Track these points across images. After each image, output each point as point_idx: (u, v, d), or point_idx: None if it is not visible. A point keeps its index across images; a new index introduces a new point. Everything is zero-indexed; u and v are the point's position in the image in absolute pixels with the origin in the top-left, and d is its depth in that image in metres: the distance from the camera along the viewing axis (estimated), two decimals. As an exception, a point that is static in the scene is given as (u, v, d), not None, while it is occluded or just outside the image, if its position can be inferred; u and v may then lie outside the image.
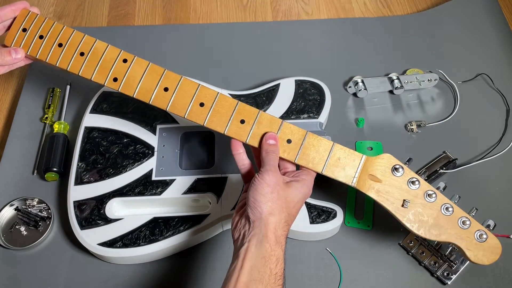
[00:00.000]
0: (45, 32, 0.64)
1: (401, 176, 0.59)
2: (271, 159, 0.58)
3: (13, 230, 0.73)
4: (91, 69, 0.63)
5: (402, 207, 0.58)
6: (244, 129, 0.61)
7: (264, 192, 0.54)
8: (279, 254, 0.52)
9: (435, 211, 0.58)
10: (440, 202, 0.58)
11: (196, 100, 0.61)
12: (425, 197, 0.58)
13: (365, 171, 0.59)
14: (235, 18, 1.02)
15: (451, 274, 0.67)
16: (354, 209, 0.74)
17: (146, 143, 0.75)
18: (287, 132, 0.60)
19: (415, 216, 0.58)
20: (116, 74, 0.63)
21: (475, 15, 0.98)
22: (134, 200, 0.70)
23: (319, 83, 0.82)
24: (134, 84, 0.62)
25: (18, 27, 0.65)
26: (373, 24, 0.98)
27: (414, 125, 0.81)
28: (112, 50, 0.63)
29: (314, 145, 0.60)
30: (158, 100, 0.62)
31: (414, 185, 0.58)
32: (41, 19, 0.65)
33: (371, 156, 0.60)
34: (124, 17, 1.03)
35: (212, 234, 0.71)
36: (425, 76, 0.85)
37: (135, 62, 0.63)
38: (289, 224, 0.56)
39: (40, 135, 0.82)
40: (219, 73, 0.90)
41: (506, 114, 0.84)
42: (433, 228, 0.58)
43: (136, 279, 0.69)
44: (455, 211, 0.58)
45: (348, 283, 0.68)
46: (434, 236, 0.58)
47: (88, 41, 0.64)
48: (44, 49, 0.64)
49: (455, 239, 0.58)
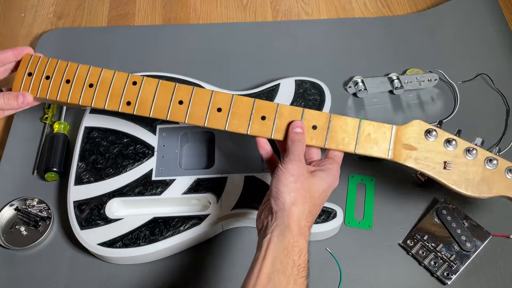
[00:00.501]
0: (51, 71, 0.65)
1: (436, 139, 0.57)
2: (296, 148, 0.57)
3: (13, 230, 0.73)
4: (103, 98, 0.63)
5: (445, 169, 0.56)
6: (267, 125, 0.60)
7: (287, 182, 0.53)
8: (302, 245, 0.51)
9: (479, 167, 0.56)
10: (482, 156, 0.57)
11: (213, 107, 0.61)
12: (465, 154, 0.57)
13: (399, 141, 0.58)
14: (235, 18, 1.02)
15: (451, 274, 0.67)
16: (354, 209, 0.74)
17: (146, 143, 0.75)
18: (310, 118, 0.59)
19: (460, 176, 0.56)
20: (128, 98, 0.63)
21: (475, 15, 0.98)
22: (134, 200, 0.70)
23: (319, 83, 0.82)
24: (148, 104, 0.62)
25: (24, 72, 0.65)
26: (373, 24, 0.98)
27: (414, 125, 0.81)
28: (120, 76, 0.64)
29: (341, 125, 0.59)
30: (175, 114, 0.62)
31: (451, 145, 0.57)
32: (44, 60, 0.65)
33: (401, 126, 0.59)
34: (124, 17, 1.03)
35: (212, 234, 0.71)
36: (425, 76, 0.85)
37: (144, 82, 0.63)
38: (314, 214, 0.55)
39: (40, 135, 0.82)
40: (219, 73, 0.90)
41: (506, 114, 0.84)
42: (481, 185, 0.56)
43: (136, 279, 0.69)
44: (499, 163, 0.57)
45: (348, 283, 0.68)
46: (485, 193, 0.56)
47: (94, 72, 0.64)
48: (52, 89, 0.65)
49: (506, 191, 0.56)
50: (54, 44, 0.95)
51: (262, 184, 0.71)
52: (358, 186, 0.76)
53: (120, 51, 0.94)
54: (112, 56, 0.93)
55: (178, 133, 0.76)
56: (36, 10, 1.04)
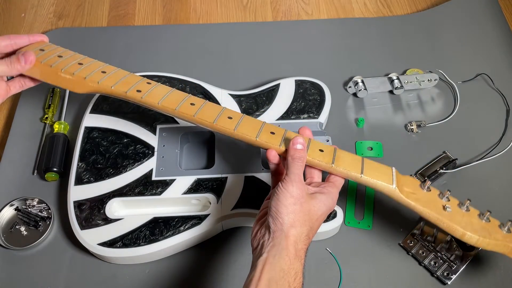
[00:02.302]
0: (64, 54, 0.66)
1: (431, 192, 0.58)
2: (297, 167, 0.55)
3: (13, 230, 0.73)
4: (113, 81, 0.64)
5: (444, 210, 0.57)
6: (275, 138, 0.59)
7: (287, 203, 0.52)
8: (298, 268, 0.51)
9: (475, 218, 0.58)
10: (475, 212, 0.58)
11: (224, 115, 0.61)
12: (460, 207, 0.58)
13: (399, 183, 0.58)
14: (235, 18, 1.02)
15: (451, 274, 0.67)
16: (354, 209, 0.74)
17: (146, 143, 0.75)
18: (317, 144, 0.59)
19: (461, 219, 0.57)
20: (139, 87, 0.64)
21: (475, 15, 0.98)
22: (134, 200, 0.70)
23: (319, 83, 0.82)
24: (159, 96, 0.63)
25: (35, 47, 0.66)
26: (373, 24, 0.98)
27: (414, 125, 0.81)
28: (133, 77, 0.65)
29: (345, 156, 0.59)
30: (185, 110, 0.62)
31: (444, 196, 0.58)
32: (59, 48, 0.67)
33: (398, 173, 0.58)
34: (124, 17, 1.03)
35: (212, 234, 0.71)
36: (425, 76, 0.85)
37: (158, 85, 0.65)
38: (310, 237, 0.54)
39: (40, 135, 0.82)
40: (219, 73, 0.90)
41: (506, 114, 0.84)
42: (482, 230, 0.57)
43: (136, 279, 0.69)
44: (491, 220, 0.58)
45: (348, 283, 0.68)
46: (486, 237, 0.56)
47: (108, 68, 0.66)
48: (62, 63, 0.65)
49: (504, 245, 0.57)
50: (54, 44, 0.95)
51: (262, 184, 0.71)
52: (358, 186, 0.76)
53: (120, 51, 0.94)
54: (112, 56, 0.93)
55: (178, 133, 0.76)
56: (36, 10, 1.04)
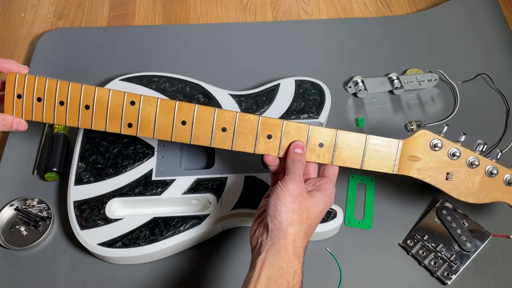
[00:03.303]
0: (41, 92, 0.61)
1: (441, 150, 0.59)
2: (297, 168, 0.56)
3: (13, 230, 0.73)
4: (102, 120, 0.61)
5: (446, 180, 0.59)
6: (273, 144, 0.59)
7: (286, 201, 0.53)
8: (297, 266, 0.51)
9: (480, 176, 0.59)
10: (483, 166, 0.59)
11: (217, 126, 0.60)
12: (468, 165, 0.59)
13: (404, 154, 0.59)
14: (235, 18, 1.02)
15: (451, 274, 0.67)
16: (354, 209, 0.74)
17: (146, 143, 0.75)
18: (317, 136, 0.59)
19: (460, 185, 0.59)
20: (129, 120, 0.61)
21: (475, 15, 0.98)
22: (134, 200, 0.70)
23: (319, 83, 0.82)
24: (150, 125, 0.61)
25: (12, 95, 0.62)
26: (373, 24, 0.98)
27: (414, 125, 0.81)
28: (116, 95, 0.61)
29: (347, 142, 0.59)
30: (179, 135, 0.61)
31: (455, 156, 0.59)
32: (31, 79, 0.61)
33: (407, 139, 0.59)
34: (124, 17, 1.03)
35: (212, 234, 0.71)
36: (425, 76, 0.85)
37: (143, 101, 0.60)
38: (309, 235, 0.54)
39: (40, 135, 0.82)
40: (219, 73, 0.90)
41: (506, 114, 0.84)
42: (480, 192, 0.59)
43: (136, 279, 0.69)
44: (499, 172, 0.59)
45: (348, 283, 0.68)
46: (482, 199, 0.60)
47: (88, 90, 0.61)
48: (47, 112, 0.62)
49: (503, 197, 0.60)
50: (54, 44, 0.95)
51: (262, 184, 0.71)
52: (358, 186, 0.76)
53: (120, 51, 0.94)
54: (112, 56, 0.93)
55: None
56: (36, 10, 1.04)
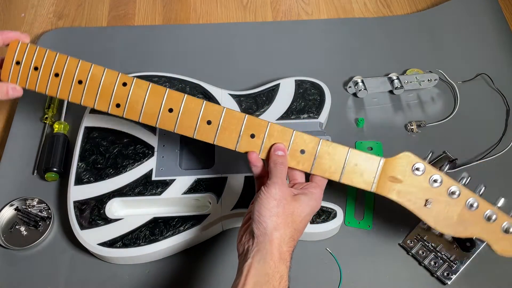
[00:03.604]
0: (39, 62, 0.63)
1: (422, 174, 0.57)
2: (279, 171, 0.56)
3: (13, 230, 0.73)
4: (92, 97, 0.62)
5: (425, 206, 0.57)
6: (256, 144, 0.59)
7: (270, 206, 0.53)
8: (283, 271, 0.51)
9: (460, 207, 0.56)
10: (465, 198, 0.56)
11: (203, 118, 0.60)
12: (448, 194, 0.56)
13: (384, 173, 0.58)
14: (235, 18, 1.02)
15: (451, 274, 0.67)
16: (354, 209, 0.74)
17: (146, 143, 0.75)
18: (299, 142, 0.59)
19: (439, 214, 0.57)
20: (118, 100, 0.62)
21: (475, 15, 0.98)
22: (134, 200, 0.70)
23: (319, 83, 0.82)
24: (138, 108, 0.61)
25: (11, 61, 0.63)
26: (373, 24, 0.98)
27: (414, 125, 0.81)
28: (110, 74, 0.62)
29: (329, 152, 0.58)
30: (165, 122, 0.61)
31: (436, 183, 0.56)
32: (32, 48, 0.63)
33: (389, 158, 0.58)
34: (124, 17, 1.03)
35: (212, 234, 0.71)
36: (425, 76, 0.85)
37: (134, 84, 0.61)
38: (295, 239, 0.54)
39: (40, 135, 0.82)
40: (219, 73, 0.90)
41: (506, 114, 0.84)
42: (458, 225, 0.57)
43: (136, 279, 0.69)
44: (480, 206, 0.56)
45: (348, 283, 0.68)
46: (460, 233, 0.57)
47: (84, 67, 0.62)
48: (41, 81, 0.63)
49: (481, 233, 0.57)
50: (54, 44, 0.95)
51: (262, 184, 0.71)
52: (358, 186, 0.76)
53: (120, 51, 0.94)
54: (112, 56, 0.93)
55: (178, 133, 0.76)
56: (36, 10, 1.04)
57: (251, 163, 0.59)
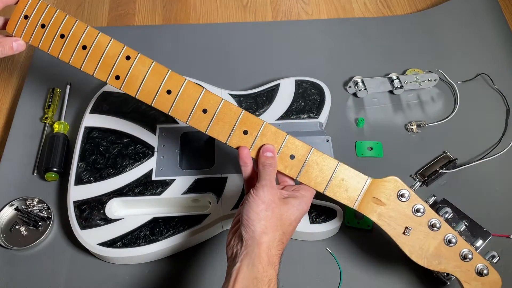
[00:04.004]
0: (47, 20, 0.61)
1: (407, 201, 0.57)
2: (268, 173, 0.55)
3: (13, 230, 0.73)
4: (93, 64, 0.61)
5: (404, 234, 0.57)
6: (247, 140, 0.59)
7: (258, 209, 0.52)
8: (271, 275, 0.50)
9: (437, 241, 0.56)
10: (444, 232, 0.56)
11: (199, 106, 0.59)
12: (428, 226, 0.56)
13: (369, 193, 0.57)
14: (235, 18, 1.02)
15: (451, 274, 0.67)
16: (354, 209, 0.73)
17: (146, 143, 0.75)
18: (291, 147, 0.58)
19: (416, 244, 0.57)
20: (118, 72, 0.61)
21: (475, 15, 0.98)
22: (134, 200, 0.70)
23: (319, 83, 0.82)
24: (137, 83, 0.60)
25: (20, 14, 0.62)
26: (373, 24, 0.98)
27: (414, 125, 0.81)
28: (115, 45, 0.61)
29: (318, 163, 0.58)
30: (160, 103, 0.60)
31: (418, 213, 0.56)
32: (43, 5, 0.62)
33: (377, 179, 0.57)
34: (124, 17, 1.03)
35: (212, 234, 0.71)
36: (425, 76, 0.85)
37: (138, 59, 0.60)
38: (284, 242, 0.54)
39: (40, 135, 0.82)
40: (219, 73, 0.90)
41: (506, 114, 0.84)
42: (433, 258, 0.56)
43: (136, 279, 0.69)
44: (458, 243, 0.56)
45: (348, 283, 0.68)
46: (433, 266, 0.57)
47: (91, 33, 0.61)
48: (45, 39, 0.62)
49: (455, 271, 0.57)
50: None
51: (262, 184, 0.71)
52: (358, 186, 0.76)
53: (120, 51, 0.94)
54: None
55: (178, 133, 0.76)
56: (36, 10, 1.04)
57: (241, 160, 0.58)
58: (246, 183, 0.60)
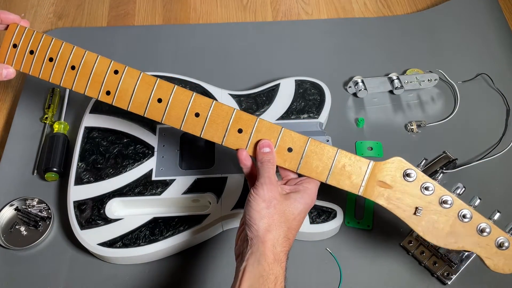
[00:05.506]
0: (35, 46, 0.63)
1: (414, 181, 0.54)
2: (267, 170, 0.55)
3: (13, 230, 0.73)
4: (83, 83, 0.62)
5: (415, 215, 0.54)
6: (243, 139, 0.58)
7: (259, 208, 0.52)
8: (278, 272, 0.50)
9: (451, 218, 0.54)
10: (457, 208, 0.54)
11: (191, 110, 0.59)
12: (440, 203, 0.54)
13: (373, 177, 0.56)
14: (235, 18, 1.02)
15: (451, 274, 0.67)
16: (354, 209, 0.74)
17: (146, 143, 0.75)
18: (287, 140, 0.57)
19: (429, 223, 0.54)
20: (108, 87, 0.61)
21: (475, 15, 0.98)
22: (134, 200, 0.70)
23: (319, 83, 0.82)
24: (127, 96, 0.61)
25: (9, 43, 0.64)
26: (373, 24, 0.98)
27: (414, 125, 0.81)
28: (103, 61, 0.62)
29: (317, 152, 0.57)
30: (153, 112, 0.60)
31: (427, 191, 0.54)
32: (30, 32, 0.64)
33: (380, 161, 0.55)
34: (124, 17, 1.03)
35: (212, 234, 0.71)
36: (425, 76, 0.85)
37: (126, 72, 0.61)
38: (290, 238, 0.53)
39: (40, 135, 0.82)
40: (219, 73, 0.90)
41: (506, 114, 0.84)
42: (449, 236, 0.54)
43: (136, 279, 0.69)
44: (473, 218, 0.54)
45: (348, 283, 0.68)
46: (450, 245, 0.54)
47: (78, 53, 0.62)
48: (35, 65, 0.63)
49: (474, 247, 0.54)
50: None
51: (262, 184, 0.71)
52: (358, 186, 0.76)
53: (120, 51, 0.94)
54: (112, 56, 0.91)
55: (178, 133, 0.76)
56: (36, 10, 1.04)
57: (241, 162, 0.58)
58: (249, 180, 0.60)
